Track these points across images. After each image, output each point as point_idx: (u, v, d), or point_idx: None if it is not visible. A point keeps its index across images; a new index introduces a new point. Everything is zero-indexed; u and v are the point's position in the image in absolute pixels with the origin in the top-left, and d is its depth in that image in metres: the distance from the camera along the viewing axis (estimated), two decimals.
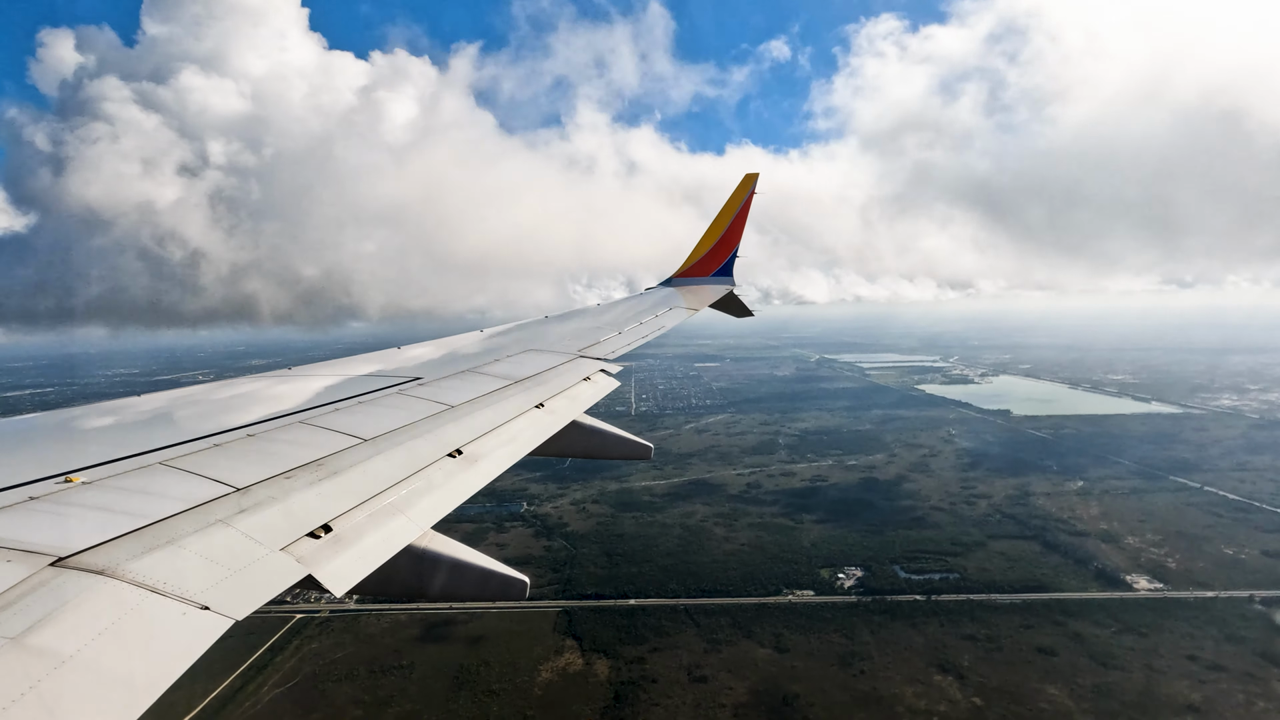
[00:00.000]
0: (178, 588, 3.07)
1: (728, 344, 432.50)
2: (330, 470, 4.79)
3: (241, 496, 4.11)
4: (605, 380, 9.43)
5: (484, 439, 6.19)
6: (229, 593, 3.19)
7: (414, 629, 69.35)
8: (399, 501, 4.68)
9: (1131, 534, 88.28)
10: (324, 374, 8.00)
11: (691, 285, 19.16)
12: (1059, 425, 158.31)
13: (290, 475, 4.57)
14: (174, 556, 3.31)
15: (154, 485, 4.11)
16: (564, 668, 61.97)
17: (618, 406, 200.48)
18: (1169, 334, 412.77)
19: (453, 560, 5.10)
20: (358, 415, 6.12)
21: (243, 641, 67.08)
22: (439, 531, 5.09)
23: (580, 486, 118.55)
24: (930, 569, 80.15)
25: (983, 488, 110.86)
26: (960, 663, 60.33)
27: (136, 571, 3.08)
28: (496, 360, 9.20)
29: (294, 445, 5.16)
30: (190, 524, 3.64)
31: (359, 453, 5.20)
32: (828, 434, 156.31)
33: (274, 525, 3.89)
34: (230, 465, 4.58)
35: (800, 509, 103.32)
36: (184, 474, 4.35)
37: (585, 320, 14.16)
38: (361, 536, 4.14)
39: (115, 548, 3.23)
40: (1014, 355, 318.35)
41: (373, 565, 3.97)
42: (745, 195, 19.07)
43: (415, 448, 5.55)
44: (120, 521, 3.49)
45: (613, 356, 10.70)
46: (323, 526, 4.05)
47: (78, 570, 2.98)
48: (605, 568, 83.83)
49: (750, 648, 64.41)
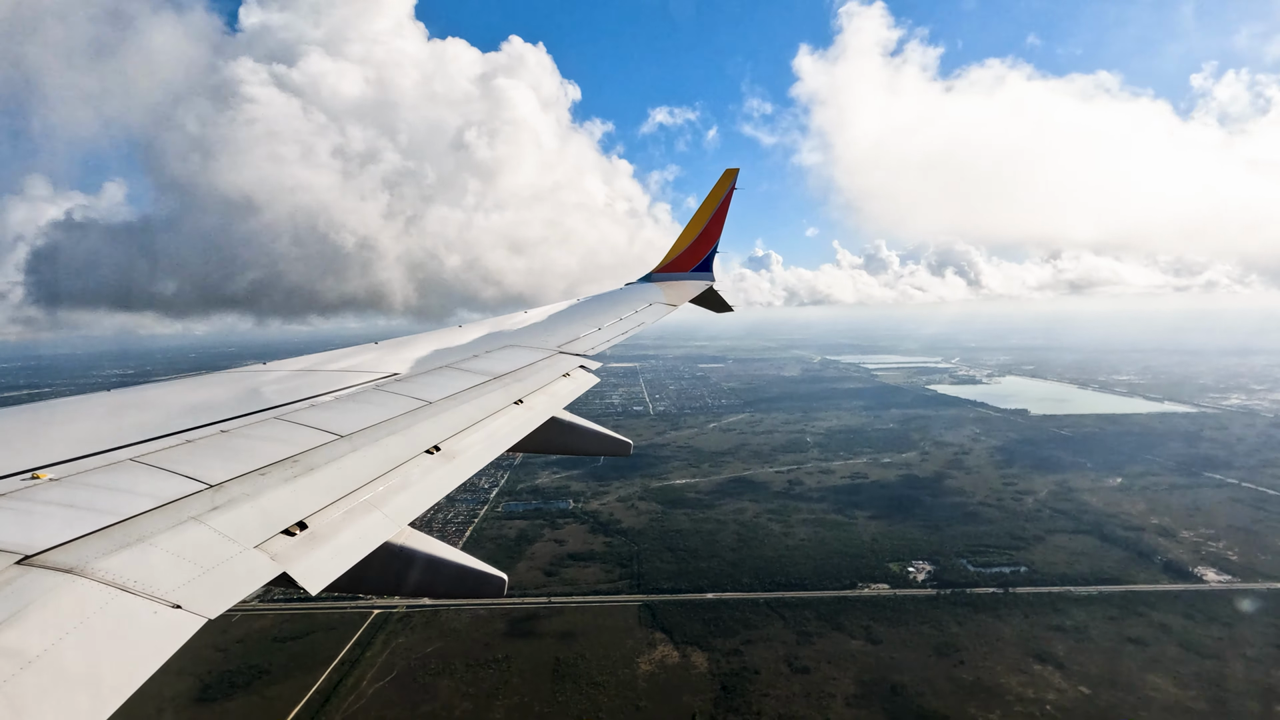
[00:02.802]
0: (148, 586, 2.96)
1: (726, 345, 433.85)
2: (306, 467, 4.71)
3: (214, 493, 4.01)
4: (585, 376, 9.38)
5: (462, 435, 6.12)
6: (201, 591, 3.09)
7: (498, 624, 68.90)
8: (376, 498, 4.62)
9: (1185, 528, 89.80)
10: (300, 369, 7.89)
11: (671, 281, 19.02)
12: (1079, 424, 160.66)
13: (265, 472, 4.48)
14: (145, 554, 3.20)
15: (124, 482, 3.99)
16: (661, 660, 61.91)
17: (635, 406, 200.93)
18: (1162, 336, 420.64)
19: (430, 557, 5.04)
20: (334, 411, 6.05)
21: (327, 636, 66.68)
22: (420, 530, 5.11)
23: (621, 484, 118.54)
24: (997, 562, 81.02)
25: (1024, 484, 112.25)
26: (1055, 653, 61.10)
27: (106, 570, 2.97)
28: (475, 356, 9.14)
29: (269, 441, 5.05)
30: (161, 521, 3.54)
31: (335, 449, 5.13)
32: (854, 433, 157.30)
33: (248, 522, 3.80)
34: (203, 461, 4.47)
35: (850, 505, 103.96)
36: (155, 470, 4.23)
37: (565, 316, 14.08)
38: (337, 534, 4.07)
39: (84, 545, 3.11)
40: (1014, 357, 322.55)
41: (349, 563, 3.91)
42: (725, 191, 19.03)
43: (392, 444, 5.49)
44: (89, 519, 3.37)
45: (592, 353, 10.64)
46: (298, 524, 3.97)
47: (45, 569, 2.86)
48: (671, 563, 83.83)
49: (842, 639, 64.77)
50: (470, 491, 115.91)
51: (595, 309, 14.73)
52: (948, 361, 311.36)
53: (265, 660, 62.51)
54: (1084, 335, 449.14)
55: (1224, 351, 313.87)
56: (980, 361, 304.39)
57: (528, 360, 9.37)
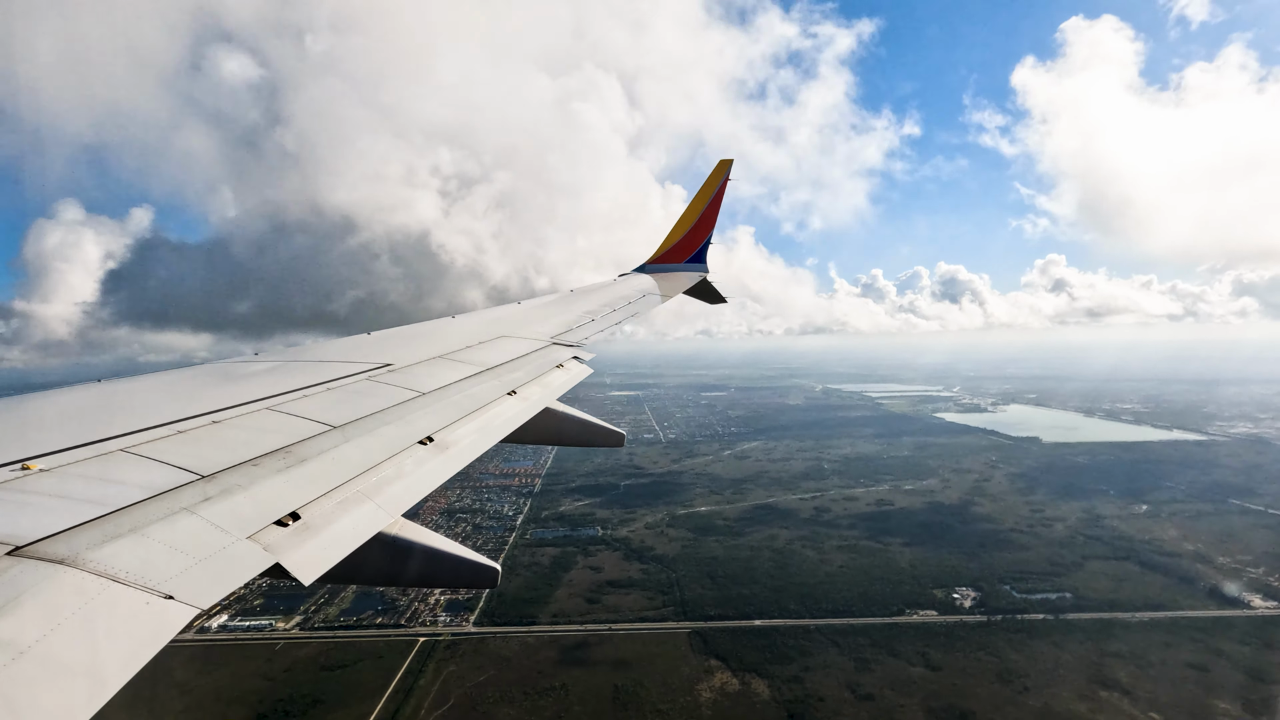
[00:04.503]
0: (140, 577, 2.93)
1: (725, 374, 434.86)
2: (299, 457, 4.68)
3: (206, 484, 3.98)
4: (578, 367, 9.36)
5: (456, 426, 6.08)
6: (194, 582, 3.06)
7: (548, 651, 67.87)
8: (369, 488, 4.58)
9: (1221, 554, 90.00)
10: (292, 360, 7.78)
11: (665, 272, 18.81)
12: (1094, 452, 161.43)
13: (257, 462, 4.45)
14: (136, 545, 3.17)
15: (115, 472, 3.95)
16: (721, 687, 61.02)
17: (645, 434, 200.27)
18: (1158, 365, 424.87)
19: (425, 548, 5.00)
20: (327, 401, 6.01)
21: (375, 664, 65.43)
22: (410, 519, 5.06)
23: (646, 511, 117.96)
24: (1041, 589, 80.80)
25: (1051, 511, 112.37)
26: (1119, 679, 60.77)
27: (98, 560, 2.94)
28: (469, 347, 9.05)
29: (261, 432, 5.02)
30: (153, 512, 3.50)
31: (328, 439, 5.09)
32: (870, 460, 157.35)
33: (240, 513, 3.77)
34: (195, 452, 4.43)
35: (880, 532, 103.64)
36: (147, 461, 4.18)
37: (558, 306, 14.01)
38: (331, 524, 4.03)
39: (75, 536, 3.08)
40: (1015, 385, 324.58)
41: (342, 553, 3.87)
42: (720, 181, 18.87)
43: (386, 434, 5.45)
44: (80, 509, 3.34)
45: (586, 343, 10.62)
46: (291, 514, 3.93)
47: (36, 559, 2.84)
48: (712, 589, 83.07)
49: (900, 666, 64.14)
50: (495, 519, 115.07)
51: (588, 300, 14.63)
52: (949, 390, 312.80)
53: (317, 689, 61.13)
54: (1079, 364, 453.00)
55: (1220, 381, 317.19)
56: (982, 390, 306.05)
57: (522, 351, 9.33)
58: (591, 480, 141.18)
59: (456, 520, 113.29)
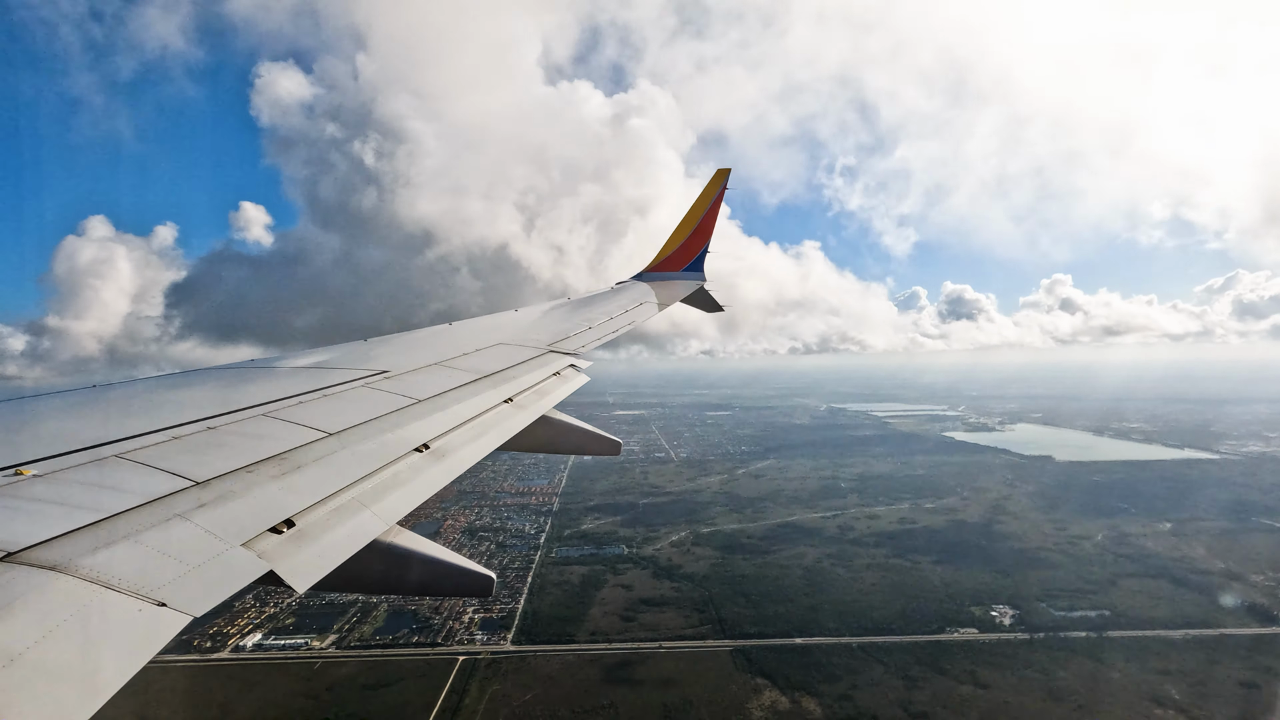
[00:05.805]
0: (134, 584, 2.92)
1: (729, 394, 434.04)
2: (294, 464, 4.66)
3: (201, 490, 3.95)
4: (576, 375, 9.37)
5: (452, 434, 6.06)
6: (187, 589, 3.04)
7: (590, 670, 67.21)
8: (365, 496, 4.56)
9: (1254, 572, 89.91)
10: (287, 366, 7.79)
11: (662, 280, 18.84)
12: (1109, 470, 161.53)
13: (252, 469, 4.42)
14: (130, 552, 3.15)
15: (109, 478, 3.93)
16: (772, 705, 60.50)
17: (657, 453, 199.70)
18: (1163, 385, 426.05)
19: (420, 556, 4.95)
20: (322, 408, 5.99)
21: (418, 684, 64.70)
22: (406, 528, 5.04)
23: (670, 529, 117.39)
24: (1079, 606, 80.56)
25: (1076, 529, 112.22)
26: (1173, 696, 60.46)
27: (90, 567, 2.93)
28: (465, 354, 8.99)
29: (256, 438, 4.99)
30: (147, 518, 3.48)
31: (324, 446, 5.07)
32: (887, 479, 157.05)
33: (235, 520, 3.74)
34: (189, 458, 4.40)
35: (909, 550, 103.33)
36: (141, 467, 4.16)
37: (556, 314, 13.99)
38: (326, 532, 4.01)
39: (68, 543, 3.06)
40: (1020, 404, 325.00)
41: (337, 561, 3.84)
42: (718, 190, 19.05)
43: (382, 441, 5.43)
44: (74, 515, 3.31)
45: (584, 351, 10.65)
46: (285, 521, 3.90)
47: (29, 566, 2.82)
48: (748, 608, 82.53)
49: (950, 684, 63.70)
50: (518, 537, 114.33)
51: (586, 308, 14.67)
52: (954, 409, 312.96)
53: (362, 709, 60.41)
54: (1082, 384, 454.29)
55: (1225, 400, 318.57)
56: (988, 409, 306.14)
57: (519, 358, 9.28)
58: (609, 499, 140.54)
59: (479, 539, 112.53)
